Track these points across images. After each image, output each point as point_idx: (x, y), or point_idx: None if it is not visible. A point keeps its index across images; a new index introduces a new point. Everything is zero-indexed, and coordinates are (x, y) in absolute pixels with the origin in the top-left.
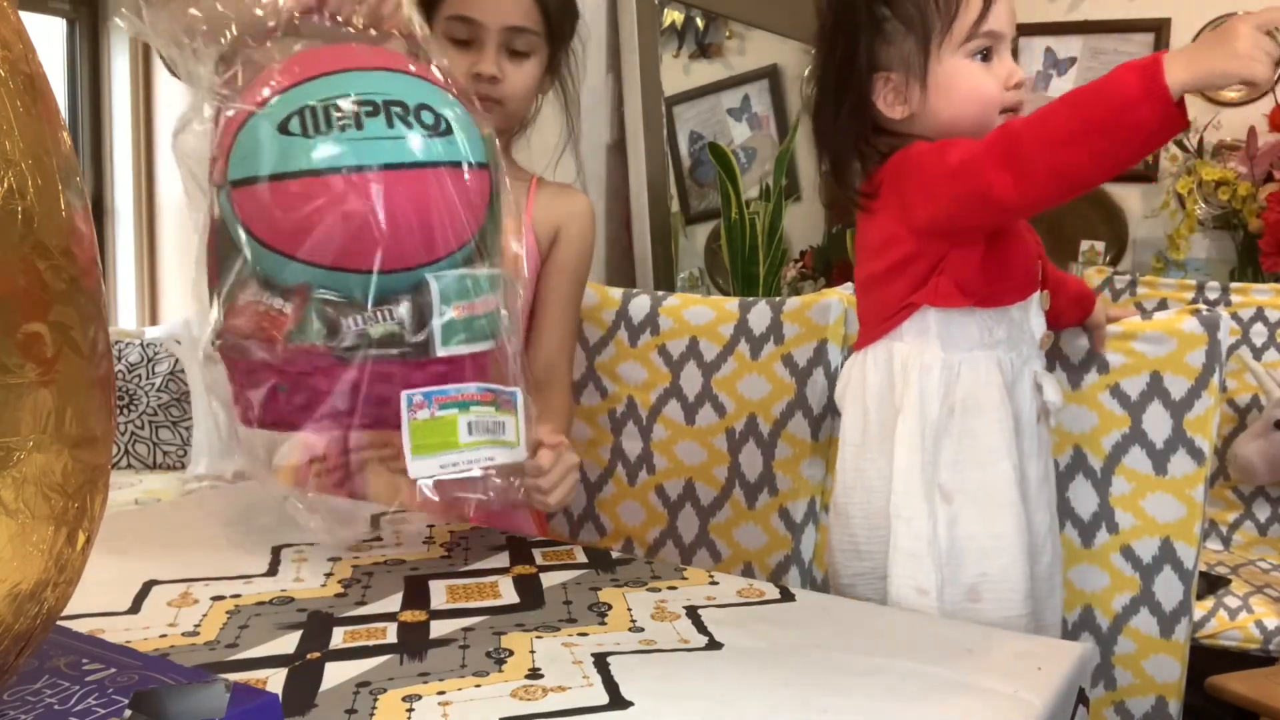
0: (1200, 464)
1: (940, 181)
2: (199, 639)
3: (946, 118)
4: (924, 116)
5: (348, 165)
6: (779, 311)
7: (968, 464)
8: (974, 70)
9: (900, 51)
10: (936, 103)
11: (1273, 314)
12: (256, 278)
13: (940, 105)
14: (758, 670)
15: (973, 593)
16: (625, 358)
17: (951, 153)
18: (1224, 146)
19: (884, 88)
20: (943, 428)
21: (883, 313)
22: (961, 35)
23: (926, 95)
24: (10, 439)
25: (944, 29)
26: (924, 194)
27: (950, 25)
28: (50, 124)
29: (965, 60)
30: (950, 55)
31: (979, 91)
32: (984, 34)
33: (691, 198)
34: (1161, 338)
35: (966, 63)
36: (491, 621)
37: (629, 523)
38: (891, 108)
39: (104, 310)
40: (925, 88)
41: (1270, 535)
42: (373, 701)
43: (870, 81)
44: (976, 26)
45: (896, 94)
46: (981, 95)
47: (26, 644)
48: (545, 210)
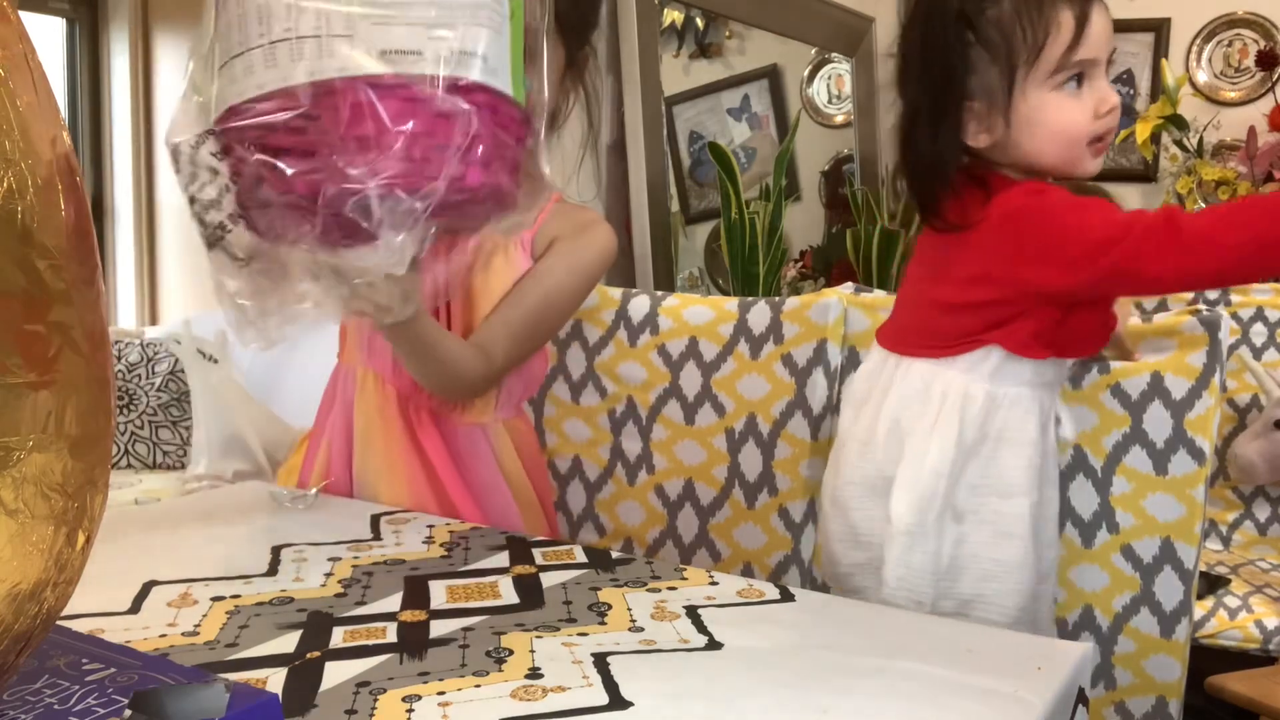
0: (1200, 464)
1: (1083, 254)
2: (199, 639)
3: (1029, 150)
4: (1006, 147)
5: None
6: (778, 311)
7: (988, 491)
8: (1062, 103)
9: (983, 80)
10: (1019, 136)
11: (1273, 314)
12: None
13: (1023, 139)
14: (758, 670)
15: (965, 606)
16: (625, 358)
17: (1093, 223)
18: (1224, 146)
19: (967, 116)
20: (972, 451)
21: (943, 336)
22: (1050, 66)
23: (1010, 128)
24: (10, 439)
25: (1030, 59)
26: (1059, 262)
27: (1038, 55)
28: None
29: (1052, 93)
30: (1036, 88)
31: (1065, 127)
32: (1075, 63)
33: (691, 198)
34: (1162, 338)
35: (1054, 96)
36: (491, 621)
37: (628, 523)
38: (974, 136)
39: (104, 310)
40: (1008, 121)
41: (1270, 535)
42: (372, 701)
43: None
44: (1068, 55)
45: (979, 122)
46: (1068, 131)
47: (26, 644)
48: (551, 227)
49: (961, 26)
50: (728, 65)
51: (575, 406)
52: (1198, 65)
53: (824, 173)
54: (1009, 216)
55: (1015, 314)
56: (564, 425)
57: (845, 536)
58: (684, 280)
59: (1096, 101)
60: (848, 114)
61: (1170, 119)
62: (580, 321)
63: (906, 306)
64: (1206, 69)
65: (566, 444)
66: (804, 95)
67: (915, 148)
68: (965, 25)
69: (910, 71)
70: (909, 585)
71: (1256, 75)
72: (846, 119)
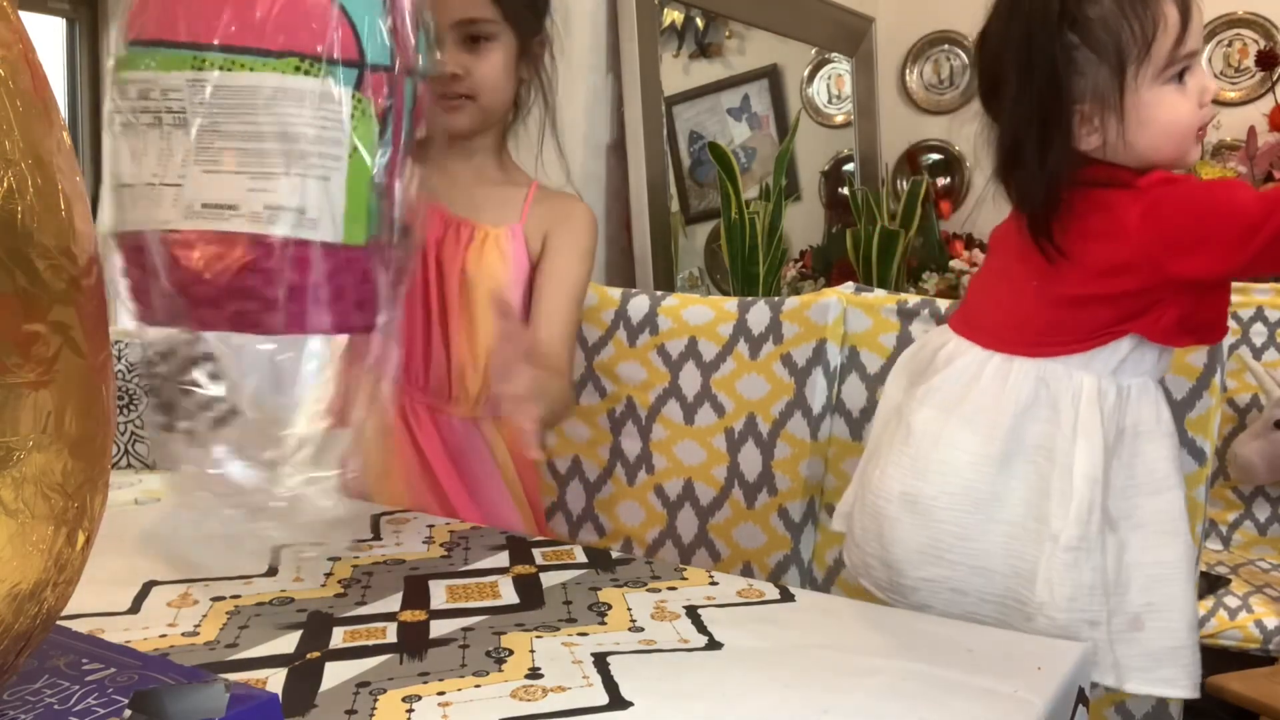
0: (1201, 464)
1: (1240, 235)
2: (199, 639)
3: (1143, 148)
4: (1117, 146)
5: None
6: (778, 311)
7: (1137, 491)
8: (1172, 99)
9: (1092, 82)
10: (1133, 134)
11: (1273, 314)
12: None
13: (1137, 137)
14: (758, 670)
15: (1136, 622)
16: (624, 358)
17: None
18: (1224, 146)
19: (1076, 119)
20: (1113, 451)
21: (1071, 332)
22: (1160, 62)
23: (1124, 127)
24: (10, 439)
25: (1140, 56)
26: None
27: (1148, 52)
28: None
29: (1163, 87)
30: (1148, 86)
31: (1177, 121)
32: (1184, 56)
33: (691, 198)
34: None
35: (1165, 90)
36: (491, 621)
37: (628, 523)
38: (1084, 140)
39: (104, 310)
40: (1122, 120)
41: (1270, 535)
42: (372, 701)
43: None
44: (1176, 49)
45: (1088, 125)
46: (1180, 125)
47: (26, 644)
48: (538, 216)
49: (1065, 29)
50: (728, 65)
51: (575, 406)
52: None
53: (824, 173)
54: (1152, 207)
55: (1154, 302)
56: (563, 425)
57: (924, 548)
58: (684, 280)
59: (1200, 92)
60: (848, 114)
61: None
62: (580, 321)
63: (1003, 304)
64: (1206, 69)
65: (566, 444)
66: (804, 95)
67: (1024, 165)
68: (1069, 27)
69: (1007, 84)
70: (1081, 606)
71: (1256, 75)
72: (846, 119)
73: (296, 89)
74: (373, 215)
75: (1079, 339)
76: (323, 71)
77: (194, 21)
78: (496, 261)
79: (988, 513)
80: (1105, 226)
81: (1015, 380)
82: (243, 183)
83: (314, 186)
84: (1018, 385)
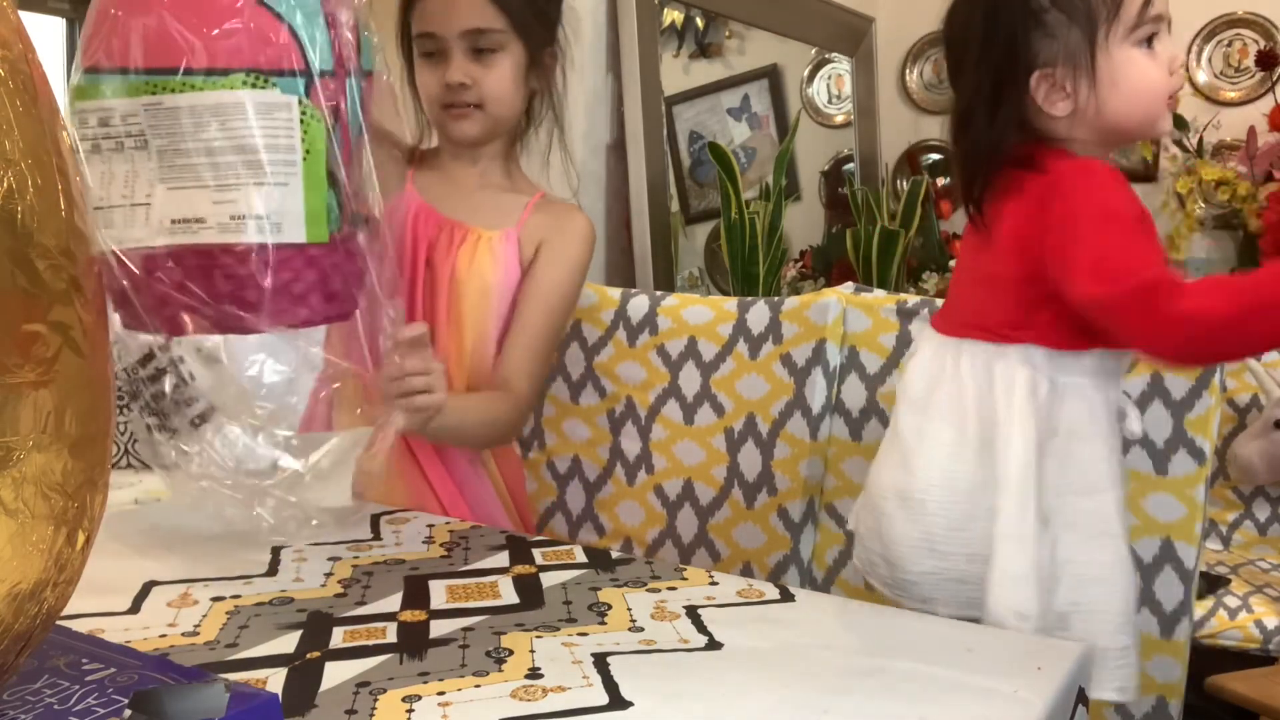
0: (1201, 464)
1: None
2: (199, 639)
3: (1114, 111)
4: (1088, 112)
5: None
6: (777, 311)
7: (1070, 490)
8: (1142, 60)
9: (1065, 45)
10: (1104, 94)
11: None
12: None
13: (1109, 98)
14: (758, 670)
15: (1063, 620)
16: (624, 358)
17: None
18: (1224, 146)
19: (1044, 85)
20: (1045, 448)
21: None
22: (1130, 22)
23: (1095, 89)
24: (10, 439)
25: (1110, 17)
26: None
27: (1117, 12)
28: (50, 124)
29: (1133, 49)
30: (1119, 45)
31: (1148, 83)
32: (1151, 18)
33: (691, 198)
34: None
35: (1135, 52)
36: (491, 621)
37: (628, 523)
38: (1054, 105)
39: (104, 310)
40: (1094, 82)
41: (1270, 535)
42: (372, 701)
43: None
44: (1144, 11)
45: (1059, 90)
46: (1151, 87)
47: (26, 644)
48: (535, 224)
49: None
50: (728, 65)
51: (574, 406)
52: (1198, 65)
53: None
54: (1052, 184)
55: (1050, 295)
56: (563, 425)
57: (919, 543)
58: (684, 280)
59: (1169, 59)
60: (848, 114)
61: None
62: (579, 321)
63: (960, 285)
64: (1206, 69)
65: (566, 444)
66: (804, 95)
67: (971, 132)
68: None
69: (969, 54)
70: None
71: (1256, 75)
72: (846, 119)
73: (249, 103)
74: (333, 212)
75: (1004, 325)
76: (272, 84)
77: (147, 48)
78: (487, 264)
79: (974, 501)
80: (1016, 203)
81: (965, 366)
82: (208, 196)
83: (275, 193)
84: (969, 371)
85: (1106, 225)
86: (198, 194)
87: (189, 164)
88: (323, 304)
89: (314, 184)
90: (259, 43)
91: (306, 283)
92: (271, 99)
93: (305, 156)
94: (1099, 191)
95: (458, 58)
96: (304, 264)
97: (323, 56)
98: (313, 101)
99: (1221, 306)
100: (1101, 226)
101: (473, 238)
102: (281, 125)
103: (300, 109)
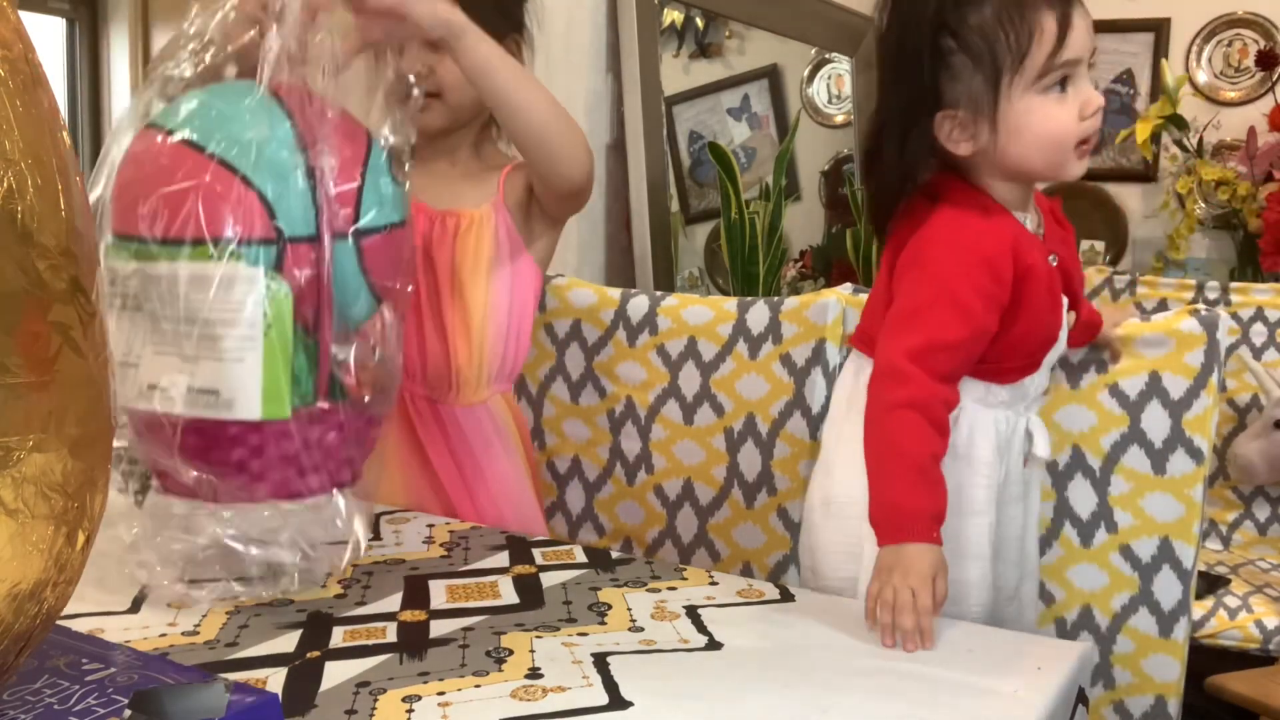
0: (1199, 463)
1: (891, 322)
2: (199, 639)
3: (1017, 156)
4: (991, 154)
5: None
6: (777, 311)
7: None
8: (1048, 108)
9: (967, 88)
10: (1006, 142)
11: (1272, 314)
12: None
13: (1010, 145)
14: (758, 670)
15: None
16: (624, 358)
17: (916, 313)
18: (1224, 146)
19: (948, 123)
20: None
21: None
22: (1035, 71)
23: (996, 135)
24: (10, 439)
25: (1015, 65)
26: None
27: (1022, 61)
28: (50, 124)
29: (1038, 97)
30: (1022, 94)
31: (1052, 131)
32: (1062, 64)
33: (691, 198)
34: (1160, 338)
35: (1040, 99)
36: (491, 621)
37: (628, 523)
38: (956, 144)
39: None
40: (995, 128)
41: (1270, 535)
42: (372, 702)
43: (934, 118)
44: (1052, 59)
45: (963, 130)
46: (1055, 134)
47: (26, 644)
48: (513, 184)
49: (942, 33)
50: (728, 65)
51: (574, 406)
52: (1198, 65)
53: (824, 173)
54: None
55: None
56: (563, 425)
57: (839, 549)
58: (684, 280)
59: (1081, 104)
60: (848, 114)
61: (1170, 119)
62: (579, 321)
63: (870, 303)
64: (1206, 69)
65: (565, 444)
66: (804, 95)
67: (884, 158)
68: (946, 32)
69: (884, 79)
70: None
71: (1256, 75)
72: (846, 119)
73: (208, 276)
74: (300, 385)
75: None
76: (235, 255)
77: (128, 215)
78: (484, 244)
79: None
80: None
81: (864, 380)
82: (172, 365)
83: (229, 369)
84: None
85: (920, 288)
86: (169, 362)
87: (162, 331)
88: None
89: (273, 360)
90: (227, 212)
91: (266, 460)
92: (234, 272)
93: (267, 331)
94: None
95: (413, 48)
96: (261, 441)
97: (296, 221)
98: (283, 272)
99: (879, 447)
100: (916, 288)
101: (464, 223)
102: (241, 299)
103: (267, 281)
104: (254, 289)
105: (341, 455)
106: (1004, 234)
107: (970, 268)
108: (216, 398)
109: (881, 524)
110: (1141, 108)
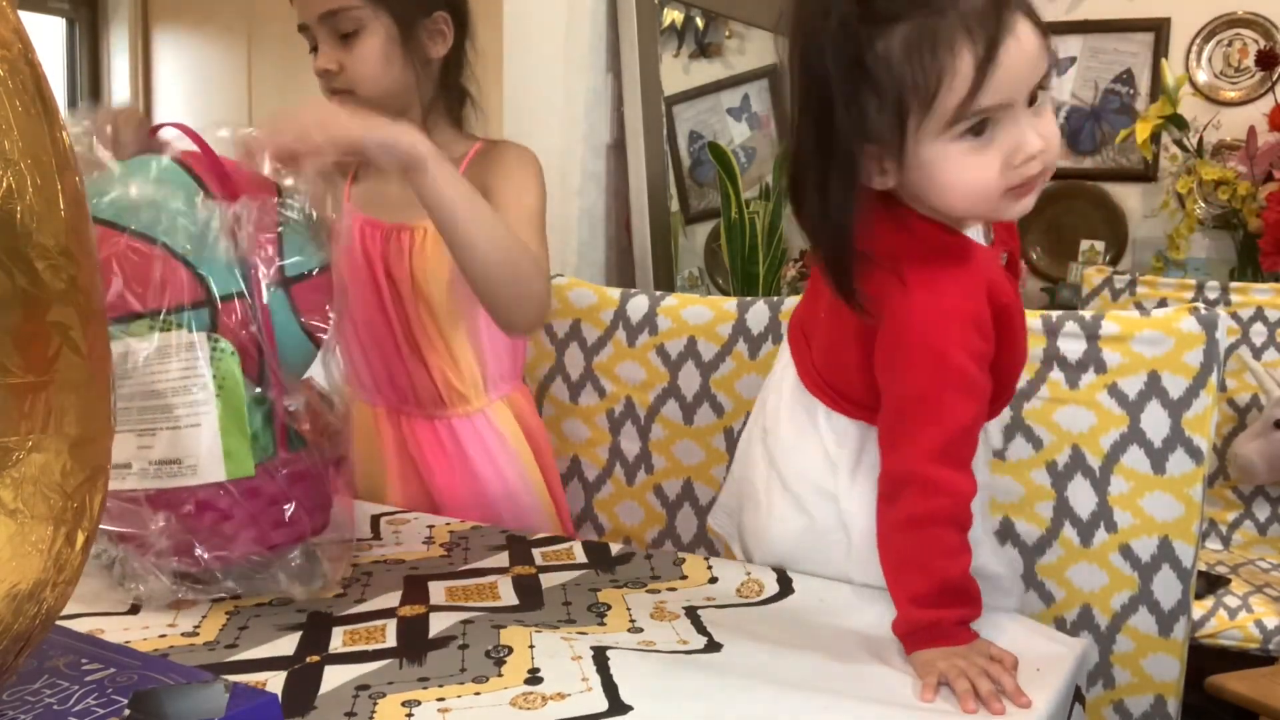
0: (1199, 463)
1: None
2: (199, 639)
3: (935, 201)
4: (911, 191)
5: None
6: (777, 311)
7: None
8: (962, 158)
9: (875, 125)
10: (920, 188)
11: (1272, 313)
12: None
13: (926, 190)
14: (758, 670)
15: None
16: (623, 358)
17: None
18: (1224, 146)
19: (867, 156)
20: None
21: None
22: (945, 117)
23: (906, 176)
24: (10, 439)
25: (921, 110)
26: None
27: (929, 106)
28: (50, 124)
29: (951, 144)
30: (930, 140)
31: (969, 182)
32: (976, 113)
33: (691, 197)
34: (1159, 337)
35: (953, 148)
36: (491, 621)
37: (627, 522)
38: (872, 179)
39: (104, 310)
40: (903, 169)
41: (1270, 535)
42: (372, 705)
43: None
44: (964, 106)
45: (878, 165)
46: (969, 186)
47: (26, 644)
48: (474, 176)
49: (844, 57)
50: (728, 65)
51: (574, 407)
52: (1198, 65)
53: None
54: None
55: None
56: (562, 425)
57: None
58: (684, 280)
59: (1008, 152)
60: None
61: (1170, 119)
62: (579, 321)
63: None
64: (1206, 69)
65: (565, 444)
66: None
67: (807, 206)
68: (849, 56)
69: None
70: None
71: (1256, 75)
72: None
73: (151, 348)
74: (260, 440)
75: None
76: (171, 324)
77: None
78: (444, 255)
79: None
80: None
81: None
82: (133, 441)
83: (187, 435)
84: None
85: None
86: (127, 439)
87: (122, 409)
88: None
89: (230, 419)
90: (156, 283)
91: (239, 519)
92: (174, 340)
93: (219, 390)
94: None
95: (324, 45)
96: (230, 503)
97: (224, 279)
98: (221, 332)
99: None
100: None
101: (419, 236)
102: (188, 365)
103: (210, 343)
104: (198, 352)
105: (310, 502)
106: (978, 280)
107: (961, 334)
108: (179, 466)
109: (912, 635)
110: (1141, 107)
